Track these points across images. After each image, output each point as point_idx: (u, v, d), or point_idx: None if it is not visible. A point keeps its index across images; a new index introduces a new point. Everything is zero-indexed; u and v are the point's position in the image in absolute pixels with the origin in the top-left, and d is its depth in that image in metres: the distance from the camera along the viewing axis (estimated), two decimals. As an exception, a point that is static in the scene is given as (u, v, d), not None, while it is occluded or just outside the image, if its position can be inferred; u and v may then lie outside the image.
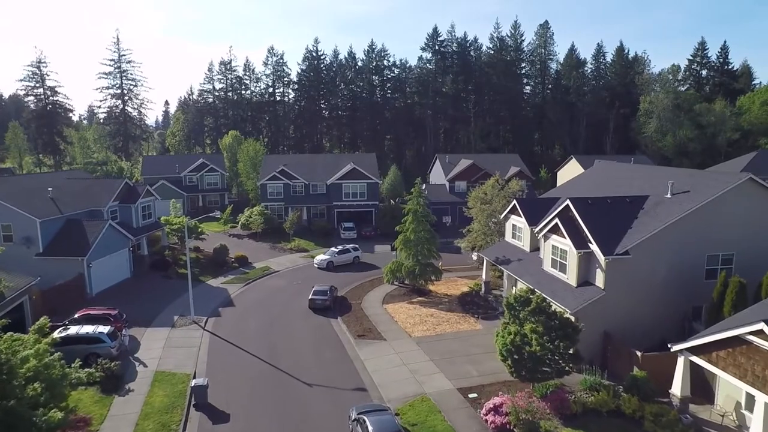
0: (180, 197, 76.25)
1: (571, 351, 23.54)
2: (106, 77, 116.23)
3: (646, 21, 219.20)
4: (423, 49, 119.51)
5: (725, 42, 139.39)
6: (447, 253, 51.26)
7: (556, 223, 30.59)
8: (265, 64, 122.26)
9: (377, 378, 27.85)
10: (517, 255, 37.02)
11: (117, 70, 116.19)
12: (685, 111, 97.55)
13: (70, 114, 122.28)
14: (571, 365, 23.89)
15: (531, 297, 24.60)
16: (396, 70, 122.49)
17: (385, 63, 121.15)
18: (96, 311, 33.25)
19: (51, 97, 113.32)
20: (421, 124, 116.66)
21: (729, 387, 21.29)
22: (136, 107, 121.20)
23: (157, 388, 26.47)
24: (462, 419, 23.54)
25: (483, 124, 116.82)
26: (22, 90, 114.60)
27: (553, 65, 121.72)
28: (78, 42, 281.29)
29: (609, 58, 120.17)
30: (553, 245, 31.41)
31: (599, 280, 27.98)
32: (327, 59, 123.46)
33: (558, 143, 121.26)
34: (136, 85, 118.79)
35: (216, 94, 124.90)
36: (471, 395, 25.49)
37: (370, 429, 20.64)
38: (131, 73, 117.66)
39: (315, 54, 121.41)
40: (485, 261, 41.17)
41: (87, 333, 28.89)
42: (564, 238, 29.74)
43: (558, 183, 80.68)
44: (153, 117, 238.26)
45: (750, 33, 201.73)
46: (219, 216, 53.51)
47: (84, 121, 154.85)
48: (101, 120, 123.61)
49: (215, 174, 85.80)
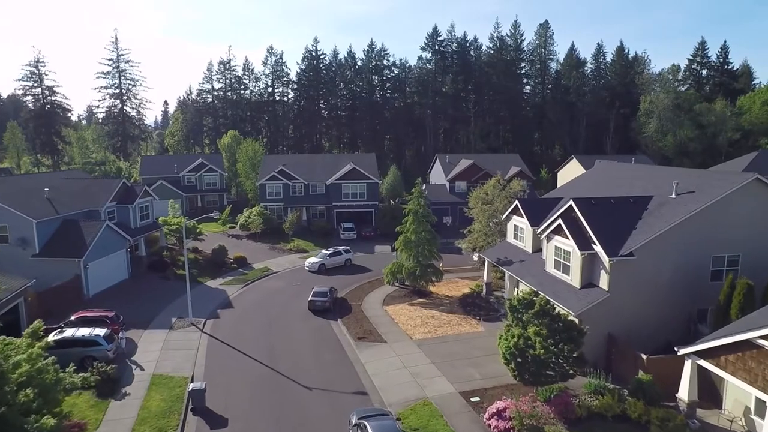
0: (178, 197, 75.84)
1: (576, 354, 23.13)
2: (104, 77, 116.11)
3: (646, 21, 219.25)
4: (423, 49, 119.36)
5: (725, 42, 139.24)
6: (447, 254, 50.86)
7: (559, 224, 30.16)
8: (265, 63, 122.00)
9: (378, 381, 27.43)
10: (519, 256, 36.62)
11: (115, 69, 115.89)
12: (686, 111, 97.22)
13: (68, 114, 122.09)
14: (576, 369, 23.51)
15: (534, 299, 24.20)
16: (396, 69, 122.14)
17: (385, 63, 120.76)
18: (92, 313, 32.78)
19: (49, 97, 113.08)
20: (421, 124, 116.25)
21: (737, 391, 20.86)
22: (134, 107, 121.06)
23: (154, 391, 26.02)
24: (464, 424, 23.13)
25: (483, 124, 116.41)
26: (20, 90, 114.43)
27: (553, 65, 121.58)
28: (78, 42, 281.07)
29: (609, 58, 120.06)
30: (556, 246, 31.00)
31: (603, 281, 27.57)
32: (326, 59, 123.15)
33: (558, 143, 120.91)
34: (134, 85, 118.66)
35: (215, 93, 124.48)
36: (473, 399, 25.09)
37: (371, 435, 20.21)
38: (130, 73, 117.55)
39: (314, 54, 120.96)
40: (486, 262, 40.76)
41: (83, 336, 28.42)
42: (567, 239, 29.32)
43: (558, 183, 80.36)
44: (152, 117, 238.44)
45: (750, 33, 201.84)
46: (217, 216, 52.89)
47: (83, 121, 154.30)
48: (100, 120, 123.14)
49: (214, 174, 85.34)
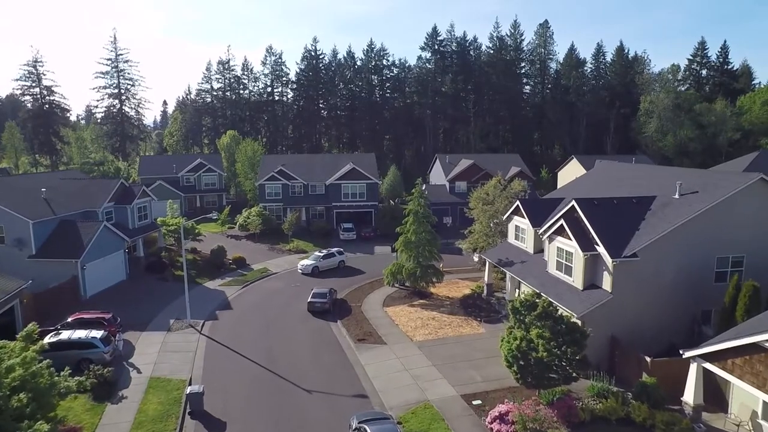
0: (177, 198, 75.51)
1: (579, 357, 22.79)
2: (103, 77, 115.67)
3: (646, 21, 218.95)
4: (422, 49, 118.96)
5: (725, 42, 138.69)
6: (448, 255, 50.49)
7: (561, 225, 29.84)
8: (264, 63, 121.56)
9: (378, 384, 27.08)
10: (521, 257, 36.29)
11: (114, 69, 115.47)
12: (686, 111, 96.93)
13: (67, 114, 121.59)
14: (579, 371, 23.17)
15: (537, 301, 23.85)
16: (395, 69, 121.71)
17: (384, 62, 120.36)
18: (89, 315, 32.40)
19: (47, 97, 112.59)
20: (421, 123, 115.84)
21: (744, 395, 20.52)
22: (133, 107, 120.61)
23: (152, 395, 25.65)
24: (466, 427, 22.79)
25: (482, 123, 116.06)
26: (18, 90, 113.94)
27: (553, 65, 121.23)
28: (78, 42, 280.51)
29: (609, 58, 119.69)
30: (558, 247, 30.67)
31: (606, 283, 27.25)
32: (326, 59, 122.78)
33: (558, 143, 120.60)
34: (133, 85, 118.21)
35: (214, 93, 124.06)
36: (475, 402, 24.76)
37: (371, 439, 19.90)
38: (128, 73, 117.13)
39: (314, 53, 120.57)
40: (487, 263, 40.43)
41: (79, 338, 28.01)
42: (570, 239, 29.00)
43: (559, 183, 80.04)
44: (151, 117, 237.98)
45: (750, 33, 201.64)
46: (216, 217, 52.58)
47: (82, 121, 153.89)
48: (98, 120, 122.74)
49: (213, 174, 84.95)
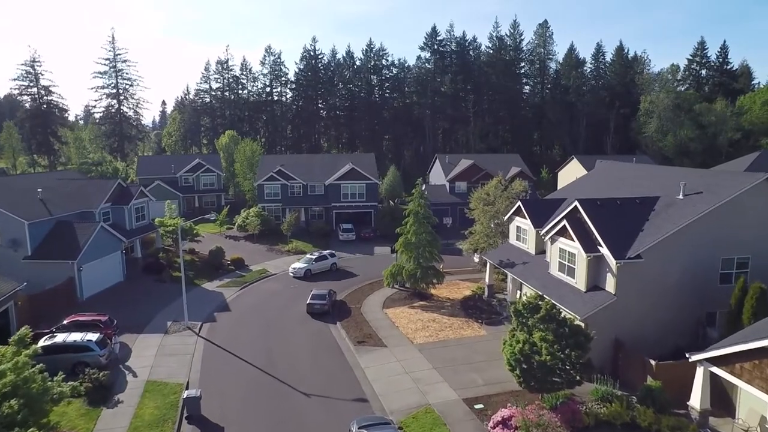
0: (176, 198, 75.08)
1: (583, 360, 22.40)
2: (101, 76, 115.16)
3: (646, 21, 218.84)
4: (422, 49, 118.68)
5: (725, 42, 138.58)
6: (448, 255, 50.09)
7: (563, 225, 29.46)
8: (263, 63, 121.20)
9: (378, 387, 26.67)
10: (522, 258, 35.91)
11: (112, 69, 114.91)
12: (686, 111, 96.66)
13: (65, 114, 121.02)
14: (583, 375, 22.78)
15: (540, 303, 23.44)
16: (394, 69, 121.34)
17: (384, 62, 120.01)
18: (85, 317, 31.90)
19: (45, 97, 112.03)
20: (420, 124, 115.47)
21: (752, 400, 20.10)
22: (132, 107, 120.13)
23: (148, 399, 25.22)
24: (468, 432, 22.42)
25: (482, 124, 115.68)
26: (16, 89, 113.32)
27: (553, 65, 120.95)
28: (78, 42, 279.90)
29: (608, 57, 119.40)
30: (561, 248, 30.28)
31: (610, 284, 26.88)
32: (325, 58, 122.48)
33: (557, 143, 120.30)
34: (132, 85, 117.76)
35: (213, 93, 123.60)
36: (477, 406, 24.34)
37: (372, 445, 19.52)
38: (127, 73, 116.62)
39: (313, 53, 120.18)
40: (488, 264, 40.05)
41: (74, 341, 27.51)
42: (572, 240, 28.62)
43: (559, 183, 79.71)
44: (150, 117, 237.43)
45: (749, 33, 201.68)
46: (214, 218, 52.03)
47: (80, 122, 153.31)
48: (97, 120, 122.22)
49: (212, 174, 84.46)
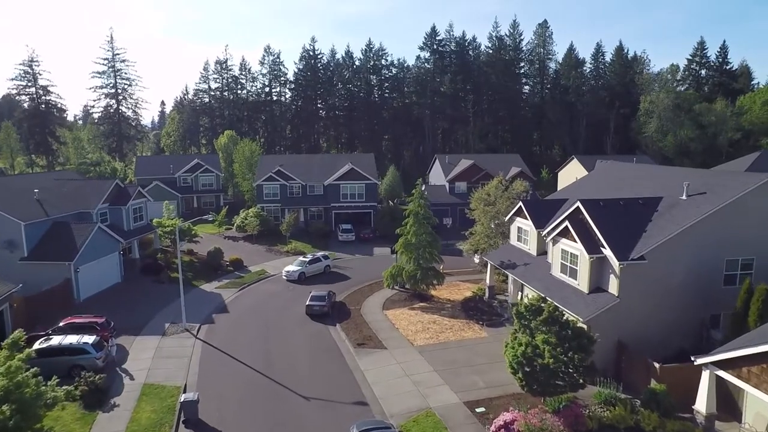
0: (174, 198, 74.68)
1: (587, 363, 22.08)
2: (99, 76, 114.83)
3: (645, 21, 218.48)
4: (421, 49, 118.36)
5: (724, 42, 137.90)
6: (448, 256, 49.75)
7: (566, 226, 29.11)
8: (262, 63, 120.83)
9: (378, 390, 26.34)
10: (523, 259, 35.57)
11: (111, 69, 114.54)
12: (686, 111, 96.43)
13: (64, 114, 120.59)
14: (586, 378, 22.46)
15: (543, 305, 23.14)
16: (394, 69, 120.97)
17: (383, 62, 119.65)
18: (82, 319, 31.54)
19: (43, 97, 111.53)
20: (420, 124, 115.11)
21: (760, 404, 19.76)
22: (130, 107, 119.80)
23: (145, 402, 24.86)
24: (470, 437, 22.09)
25: (482, 124, 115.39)
26: (13, 89, 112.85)
27: (552, 65, 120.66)
28: (78, 42, 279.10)
29: (608, 57, 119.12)
30: (563, 249, 29.95)
31: (613, 286, 26.54)
32: (324, 58, 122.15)
33: (557, 143, 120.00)
34: (130, 85, 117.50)
35: (212, 93, 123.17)
36: (478, 409, 24.02)
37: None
38: (125, 72, 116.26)
39: (312, 53, 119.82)
40: (489, 265, 39.71)
41: (70, 344, 27.16)
42: (575, 242, 28.28)
43: (559, 183, 79.42)
44: (149, 117, 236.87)
45: (749, 33, 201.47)
46: (212, 219, 51.97)
47: (79, 122, 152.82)
48: (95, 120, 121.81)
49: (210, 175, 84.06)
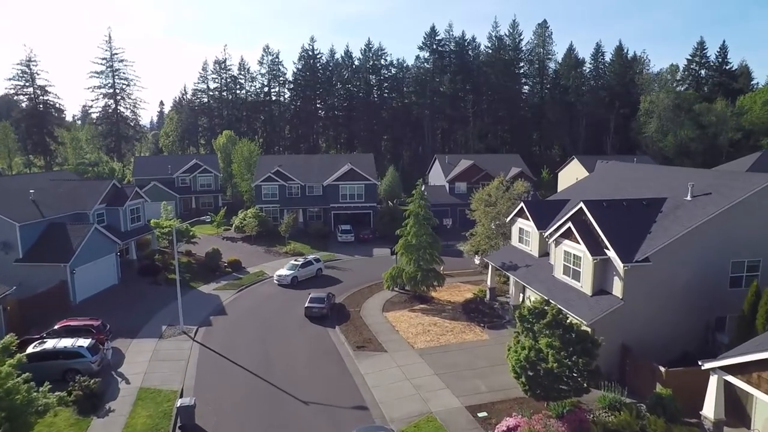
0: (172, 199, 74.15)
1: (591, 367, 21.65)
2: (98, 76, 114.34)
3: (645, 21, 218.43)
4: (420, 48, 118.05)
5: (724, 42, 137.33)
6: (448, 257, 49.34)
7: (569, 228, 28.70)
8: (261, 63, 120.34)
9: (378, 394, 25.90)
10: (525, 260, 35.15)
11: (109, 69, 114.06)
12: (686, 111, 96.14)
13: (62, 114, 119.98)
14: (590, 382, 22.03)
15: (546, 309, 22.71)
16: (393, 69, 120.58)
17: (382, 62, 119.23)
18: (77, 322, 31.03)
19: (41, 97, 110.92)
20: (419, 124, 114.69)
21: (768, 410, 19.42)
22: (129, 107, 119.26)
23: (140, 407, 24.39)
24: (472, 442, 21.66)
25: (481, 124, 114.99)
26: (11, 89, 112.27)
27: (552, 65, 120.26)
28: (78, 42, 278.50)
29: (608, 58, 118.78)
30: (566, 251, 29.53)
31: (617, 288, 26.12)
32: (323, 58, 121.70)
33: (557, 143, 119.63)
34: (128, 85, 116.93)
35: (210, 93, 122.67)
36: (480, 414, 23.59)
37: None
38: (124, 72, 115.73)
39: (311, 53, 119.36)
40: (490, 266, 39.29)
41: (65, 347, 26.65)
42: (578, 243, 27.86)
43: (559, 184, 79.02)
44: (148, 117, 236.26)
45: (748, 33, 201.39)
46: (210, 220, 51.61)
47: (77, 122, 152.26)
48: (94, 120, 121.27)
49: (209, 175, 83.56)
